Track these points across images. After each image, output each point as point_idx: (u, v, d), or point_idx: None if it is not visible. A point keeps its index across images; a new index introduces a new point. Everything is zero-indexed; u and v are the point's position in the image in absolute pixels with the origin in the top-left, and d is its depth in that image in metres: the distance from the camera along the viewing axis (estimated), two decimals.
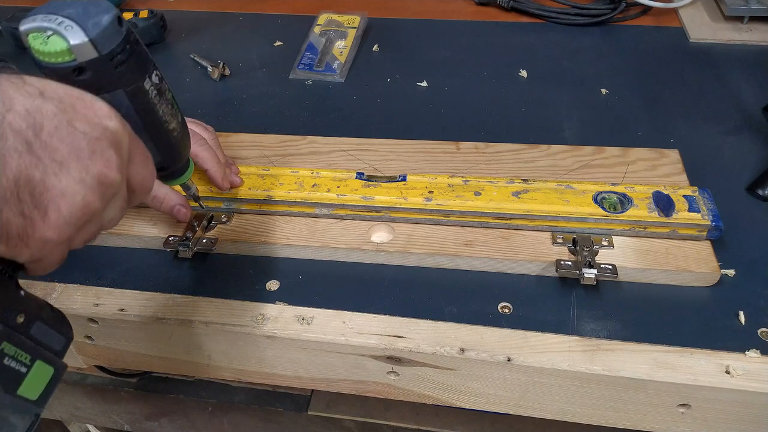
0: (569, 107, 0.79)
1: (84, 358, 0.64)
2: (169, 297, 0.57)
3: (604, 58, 0.88)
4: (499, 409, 0.55)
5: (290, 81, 0.87)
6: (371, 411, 0.74)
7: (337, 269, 0.59)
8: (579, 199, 0.59)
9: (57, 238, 0.34)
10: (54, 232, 0.34)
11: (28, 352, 0.37)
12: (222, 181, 0.60)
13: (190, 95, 0.86)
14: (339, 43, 0.93)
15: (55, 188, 0.33)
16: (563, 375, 0.50)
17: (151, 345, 0.59)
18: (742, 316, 0.52)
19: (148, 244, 0.62)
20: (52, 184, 0.33)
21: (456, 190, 0.60)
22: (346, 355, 0.54)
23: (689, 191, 0.59)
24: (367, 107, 0.81)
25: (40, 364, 0.37)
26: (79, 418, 0.88)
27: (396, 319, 0.54)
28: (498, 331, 0.52)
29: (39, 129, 0.32)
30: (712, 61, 0.86)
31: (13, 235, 0.32)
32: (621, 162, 0.66)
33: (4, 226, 0.32)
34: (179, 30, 1.01)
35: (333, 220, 0.62)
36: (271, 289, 0.57)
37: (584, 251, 0.55)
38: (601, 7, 0.96)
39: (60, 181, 0.33)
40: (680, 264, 0.55)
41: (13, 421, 0.36)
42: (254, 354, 0.56)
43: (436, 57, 0.91)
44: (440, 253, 0.58)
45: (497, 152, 0.69)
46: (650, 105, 0.78)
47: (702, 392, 0.48)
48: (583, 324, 0.52)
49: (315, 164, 0.68)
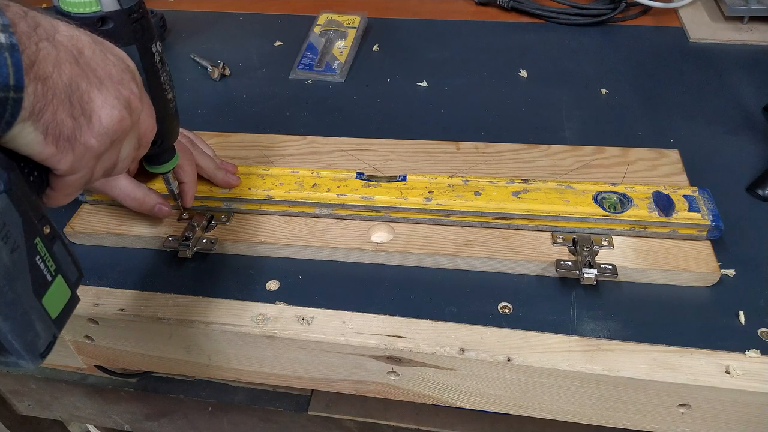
0: (569, 107, 0.79)
1: (84, 358, 0.64)
2: (169, 297, 0.57)
3: (604, 58, 0.88)
4: (499, 409, 0.55)
5: (290, 81, 0.88)
6: (371, 411, 0.74)
7: (337, 269, 0.59)
8: (579, 199, 0.59)
9: (97, 146, 0.38)
10: (96, 140, 0.38)
11: (54, 262, 0.38)
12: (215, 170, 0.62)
13: (190, 95, 0.86)
14: (339, 43, 0.93)
15: (97, 100, 0.38)
16: (563, 375, 0.50)
17: (151, 345, 0.59)
18: (742, 316, 0.52)
19: (148, 244, 0.62)
20: (94, 95, 0.38)
21: (456, 190, 0.60)
22: (346, 355, 0.54)
23: (689, 191, 0.59)
24: (367, 107, 0.81)
25: (61, 281, 0.39)
26: (79, 418, 0.88)
27: (396, 319, 0.54)
28: (498, 331, 0.52)
29: (80, 51, 0.37)
30: (712, 61, 0.86)
31: (63, 136, 0.36)
32: (621, 162, 0.66)
33: (59, 125, 0.35)
34: (179, 30, 1.01)
35: (333, 220, 0.62)
36: (271, 289, 0.57)
37: (584, 251, 0.55)
38: (601, 7, 0.96)
39: (100, 94, 0.38)
40: (680, 264, 0.55)
41: (38, 329, 0.37)
42: (254, 354, 0.56)
43: (436, 57, 0.91)
44: (440, 253, 0.58)
45: (497, 152, 0.69)
46: (650, 105, 0.78)
47: (702, 392, 0.48)
48: (583, 324, 0.52)
49: (315, 164, 0.68)
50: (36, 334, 0.37)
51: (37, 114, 0.34)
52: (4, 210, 0.34)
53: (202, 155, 0.62)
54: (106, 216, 0.63)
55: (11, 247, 0.35)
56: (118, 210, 0.64)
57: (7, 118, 0.32)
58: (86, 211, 0.64)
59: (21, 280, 0.36)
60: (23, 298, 0.36)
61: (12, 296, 0.35)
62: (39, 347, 0.37)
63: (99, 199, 0.64)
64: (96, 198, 0.64)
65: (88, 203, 0.65)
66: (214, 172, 0.62)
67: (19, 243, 0.35)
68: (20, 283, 0.36)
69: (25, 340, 0.36)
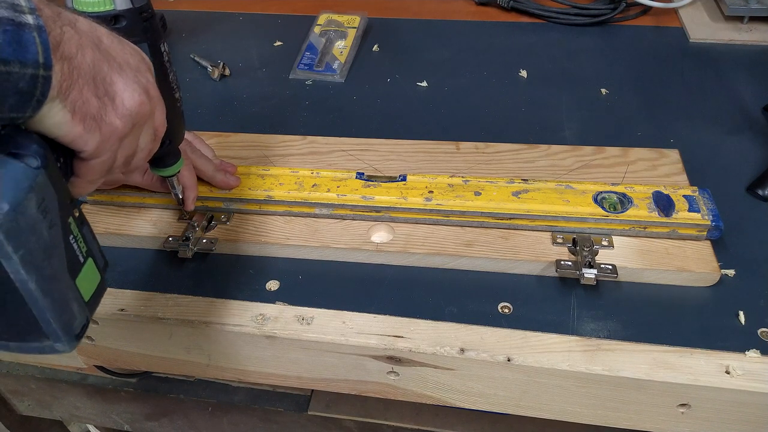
0: (569, 107, 0.79)
1: (84, 358, 0.64)
2: (169, 297, 0.57)
3: (604, 58, 0.88)
4: (499, 409, 0.55)
5: (290, 81, 0.87)
6: (371, 411, 0.74)
7: (337, 269, 0.59)
8: (579, 199, 0.59)
9: (122, 126, 0.39)
10: (121, 120, 0.39)
11: (85, 244, 0.39)
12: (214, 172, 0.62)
13: (190, 95, 0.86)
14: (339, 43, 0.93)
15: (119, 83, 0.39)
16: (563, 375, 0.50)
17: (151, 345, 0.59)
18: (742, 316, 0.52)
19: (148, 244, 0.62)
20: (116, 79, 0.39)
21: (456, 190, 0.60)
22: (346, 355, 0.54)
23: (689, 191, 0.59)
24: (367, 107, 0.81)
25: (91, 264, 0.40)
26: (79, 418, 0.88)
27: (396, 319, 0.54)
28: (498, 331, 0.52)
29: (99, 39, 0.39)
30: (712, 61, 0.86)
31: (90, 115, 0.37)
32: (621, 162, 0.66)
33: (85, 104, 0.37)
34: (179, 30, 1.01)
35: (333, 220, 0.62)
36: (271, 289, 0.57)
37: (584, 251, 0.55)
38: (601, 7, 0.96)
39: (121, 78, 0.39)
40: (680, 264, 0.55)
41: (74, 309, 0.38)
42: (254, 354, 0.56)
43: (436, 57, 0.91)
44: (440, 253, 0.58)
45: (497, 152, 0.69)
46: (650, 105, 0.78)
47: (702, 392, 0.48)
48: (583, 324, 0.52)
49: (315, 164, 0.68)
50: (72, 315, 0.37)
51: (65, 92, 0.35)
52: (42, 185, 0.35)
53: (201, 158, 0.62)
54: (106, 216, 0.63)
55: (49, 222, 0.35)
56: (118, 210, 0.64)
57: (38, 96, 0.33)
58: (86, 211, 0.64)
59: (58, 257, 0.36)
60: (60, 275, 0.36)
61: (51, 272, 0.35)
62: (75, 328, 0.38)
63: (99, 199, 0.64)
64: (96, 198, 0.64)
65: (87, 203, 0.65)
66: (213, 174, 0.62)
67: (56, 220, 0.36)
68: (57, 260, 0.36)
69: (63, 319, 0.37)
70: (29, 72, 0.32)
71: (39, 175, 0.34)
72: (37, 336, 0.37)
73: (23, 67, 0.32)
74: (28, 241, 0.34)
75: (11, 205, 0.33)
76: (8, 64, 0.31)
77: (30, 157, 0.35)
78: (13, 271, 0.33)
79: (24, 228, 0.33)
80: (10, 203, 0.33)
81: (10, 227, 0.32)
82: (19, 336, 0.37)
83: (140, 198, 0.64)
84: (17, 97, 0.32)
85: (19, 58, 0.32)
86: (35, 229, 0.34)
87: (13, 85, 0.32)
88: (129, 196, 0.64)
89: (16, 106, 0.33)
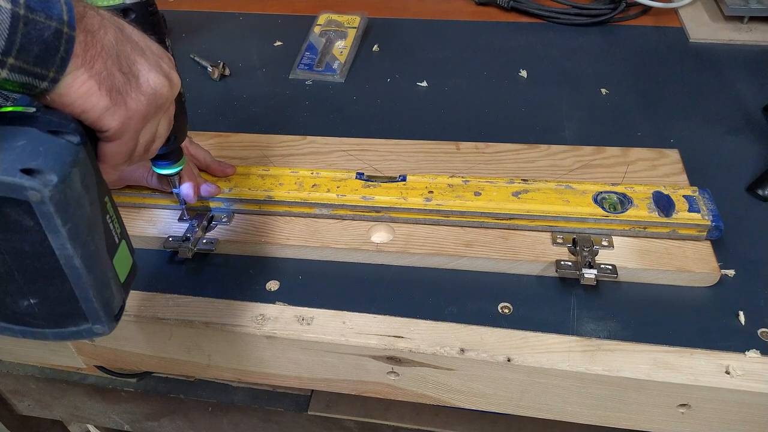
0: (569, 107, 0.79)
1: (84, 358, 0.64)
2: (169, 297, 0.57)
3: (604, 58, 0.88)
4: (499, 409, 0.55)
5: (290, 81, 0.87)
6: (371, 411, 0.74)
7: (337, 269, 0.59)
8: (579, 199, 0.59)
9: (146, 105, 0.40)
10: (145, 98, 0.40)
11: (119, 225, 0.39)
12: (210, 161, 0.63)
13: (190, 95, 0.85)
14: (339, 43, 0.93)
15: (143, 64, 0.40)
16: (563, 375, 0.50)
17: (151, 345, 0.59)
18: (742, 316, 0.52)
19: (148, 244, 0.62)
20: (139, 59, 0.40)
21: (456, 190, 0.60)
22: (346, 356, 0.54)
23: (689, 191, 0.59)
24: (367, 107, 0.81)
25: (125, 246, 0.40)
26: (79, 418, 0.88)
27: (396, 319, 0.54)
28: (498, 331, 0.52)
29: (122, 24, 0.40)
30: (712, 61, 0.86)
31: (116, 89, 0.37)
32: (621, 162, 0.66)
33: (110, 76, 0.37)
34: (179, 30, 1.01)
35: (333, 221, 0.62)
36: (271, 289, 0.57)
37: (584, 251, 0.55)
38: (601, 7, 0.96)
39: (144, 60, 0.40)
40: (680, 264, 0.55)
41: (113, 289, 0.38)
42: (254, 354, 0.56)
43: (436, 57, 0.91)
44: (440, 253, 0.58)
45: (497, 152, 0.69)
46: (650, 105, 0.78)
47: (702, 392, 0.48)
48: (583, 324, 0.52)
49: (315, 164, 0.68)
50: (111, 294, 0.38)
51: (90, 62, 0.36)
52: (84, 161, 0.35)
53: (197, 148, 0.63)
54: None
55: (90, 199, 0.36)
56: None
57: (62, 53, 0.34)
58: None
59: (98, 234, 0.36)
60: (101, 253, 0.37)
61: (93, 248, 0.36)
62: (114, 308, 0.38)
63: None
64: None
65: None
66: (209, 163, 0.63)
67: (95, 198, 0.36)
68: (98, 237, 0.36)
69: (104, 298, 0.37)
70: (54, 24, 0.33)
71: (80, 151, 0.35)
72: (76, 319, 0.37)
73: (48, 19, 0.33)
74: (75, 215, 0.34)
75: (60, 177, 0.33)
76: (34, 12, 0.32)
77: (70, 134, 0.35)
78: (59, 246, 0.34)
79: (71, 201, 0.33)
80: (58, 175, 0.33)
81: (59, 199, 0.33)
82: (58, 321, 0.37)
83: (140, 198, 0.64)
84: (42, 47, 0.33)
85: (45, 11, 0.33)
86: (80, 203, 0.34)
87: (38, 33, 0.32)
88: (129, 196, 0.64)
89: (41, 57, 0.33)
